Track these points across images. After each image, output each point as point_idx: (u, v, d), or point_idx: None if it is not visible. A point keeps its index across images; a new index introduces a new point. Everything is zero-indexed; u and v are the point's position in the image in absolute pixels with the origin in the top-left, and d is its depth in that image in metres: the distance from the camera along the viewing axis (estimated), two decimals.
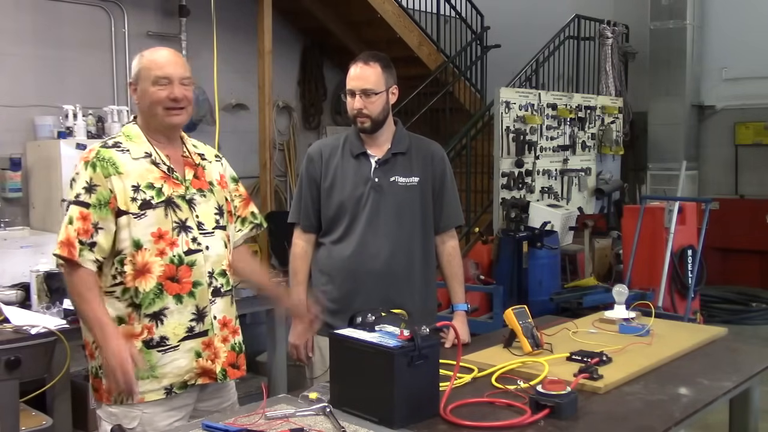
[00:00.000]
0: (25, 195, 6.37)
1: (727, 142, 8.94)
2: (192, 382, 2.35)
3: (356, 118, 2.74)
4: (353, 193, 2.75)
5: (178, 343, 2.31)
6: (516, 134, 7.26)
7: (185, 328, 2.32)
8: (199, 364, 2.35)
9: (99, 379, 2.31)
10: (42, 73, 6.64)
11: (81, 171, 2.29)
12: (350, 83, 2.73)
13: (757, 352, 2.92)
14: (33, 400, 3.17)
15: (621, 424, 2.04)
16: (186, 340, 2.32)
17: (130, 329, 2.28)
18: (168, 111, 2.34)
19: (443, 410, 2.02)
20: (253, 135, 7.45)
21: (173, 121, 2.37)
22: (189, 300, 2.33)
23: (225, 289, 2.42)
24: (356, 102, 2.72)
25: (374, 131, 2.77)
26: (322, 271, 2.84)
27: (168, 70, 2.34)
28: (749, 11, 8.71)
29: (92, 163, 2.28)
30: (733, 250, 8.21)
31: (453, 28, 9.45)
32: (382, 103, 2.73)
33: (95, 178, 2.26)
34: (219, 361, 2.39)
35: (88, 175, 2.27)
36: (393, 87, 2.77)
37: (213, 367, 2.37)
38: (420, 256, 2.81)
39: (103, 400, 2.32)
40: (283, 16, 8.27)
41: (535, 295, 6.02)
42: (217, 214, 2.45)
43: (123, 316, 2.29)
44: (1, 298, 3.49)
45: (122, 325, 2.28)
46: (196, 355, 2.34)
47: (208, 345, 2.36)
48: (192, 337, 2.33)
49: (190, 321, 2.33)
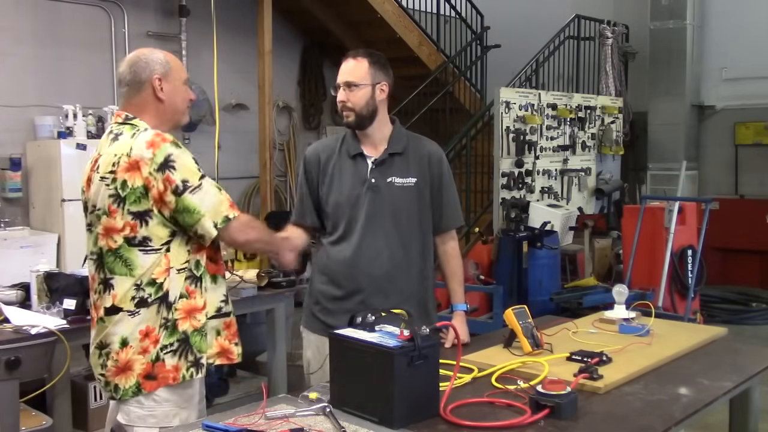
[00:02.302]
0: (25, 195, 6.38)
1: (727, 142, 8.94)
2: (212, 361, 2.40)
3: (342, 111, 2.76)
4: (350, 194, 2.75)
5: (207, 320, 2.37)
6: (516, 134, 7.26)
7: (215, 307, 2.40)
8: (218, 342, 2.41)
9: (160, 362, 2.30)
10: (42, 73, 6.65)
11: (177, 151, 2.29)
12: (338, 77, 2.76)
13: (757, 352, 2.92)
14: (33, 400, 3.18)
15: (621, 424, 2.04)
16: (212, 319, 2.39)
17: (193, 303, 2.34)
18: (188, 110, 2.49)
19: (443, 410, 2.02)
20: (253, 135, 7.46)
21: (187, 120, 2.53)
22: (222, 282, 2.44)
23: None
24: (340, 94, 2.73)
25: (360, 127, 2.76)
26: (321, 271, 2.84)
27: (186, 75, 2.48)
28: (749, 11, 8.71)
29: (179, 144, 2.34)
30: (733, 250, 8.21)
31: (453, 28, 9.46)
32: (365, 97, 2.72)
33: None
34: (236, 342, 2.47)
35: (188, 152, 2.33)
36: (382, 84, 2.75)
37: (230, 347, 2.43)
38: (418, 257, 2.80)
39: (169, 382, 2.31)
40: (283, 16, 8.28)
41: (535, 295, 6.03)
42: None
43: (184, 292, 2.32)
44: (1, 298, 3.49)
45: (183, 299, 2.32)
46: (216, 333, 2.40)
47: (229, 325, 2.44)
48: (218, 317, 2.40)
49: (221, 302, 2.41)
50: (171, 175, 2.24)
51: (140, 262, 2.27)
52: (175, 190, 2.24)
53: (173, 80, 2.40)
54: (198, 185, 2.27)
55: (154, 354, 2.29)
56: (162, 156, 2.25)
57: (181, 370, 2.31)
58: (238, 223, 2.35)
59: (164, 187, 2.24)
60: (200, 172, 2.31)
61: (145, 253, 2.27)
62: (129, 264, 2.28)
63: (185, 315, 2.31)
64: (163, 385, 2.30)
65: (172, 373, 2.30)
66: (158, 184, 2.24)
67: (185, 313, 2.31)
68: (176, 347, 2.30)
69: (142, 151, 2.25)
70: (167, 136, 2.31)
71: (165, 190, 2.24)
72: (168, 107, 2.41)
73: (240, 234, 2.39)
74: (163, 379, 2.30)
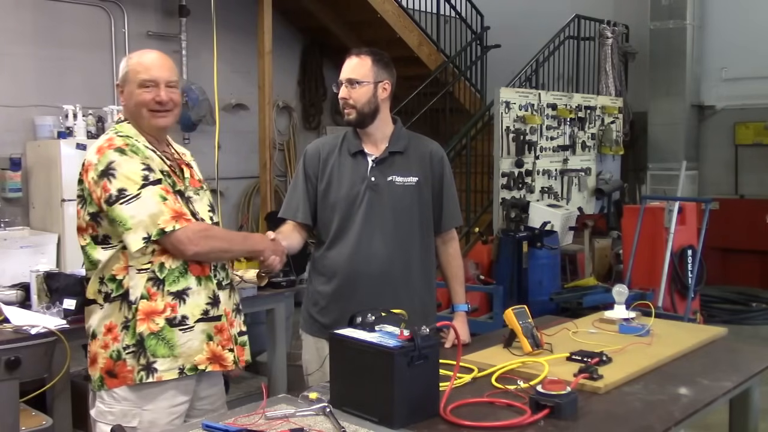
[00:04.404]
0: (25, 195, 6.38)
1: (727, 142, 8.94)
2: (203, 367, 2.36)
3: (343, 108, 2.76)
4: (349, 193, 2.74)
5: (194, 323, 2.35)
6: (516, 134, 7.26)
7: (201, 309, 2.36)
8: (210, 347, 2.37)
9: (121, 361, 2.30)
10: (42, 73, 6.65)
11: (121, 159, 2.26)
12: (341, 74, 2.76)
13: (757, 352, 2.92)
14: (33, 400, 3.17)
15: (621, 424, 2.04)
16: (200, 322, 2.36)
17: (153, 306, 2.30)
18: (153, 113, 2.37)
19: (443, 410, 2.01)
20: (253, 135, 7.46)
21: (159, 123, 2.40)
22: (207, 283, 2.38)
23: (225, 282, 2.48)
24: (342, 91, 2.74)
25: (361, 125, 2.76)
26: (319, 271, 2.82)
27: (154, 73, 2.36)
28: (749, 11, 8.71)
29: (131, 150, 2.29)
30: (733, 250, 8.21)
31: (453, 28, 9.46)
32: (367, 95, 2.72)
33: (142, 159, 2.30)
34: (231, 348, 2.42)
35: (136, 159, 2.28)
36: (385, 82, 2.75)
37: (224, 353, 2.40)
38: (418, 257, 2.80)
39: (128, 382, 2.30)
40: (283, 16, 8.29)
41: (535, 295, 6.03)
42: (210, 212, 2.51)
43: (145, 293, 2.30)
44: (1, 298, 3.49)
45: (143, 300, 2.30)
46: (207, 337, 2.37)
47: (221, 330, 2.40)
48: (207, 320, 2.37)
49: (207, 304, 2.38)
50: (108, 183, 2.25)
51: (100, 258, 2.32)
52: (108, 199, 2.25)
53: (128, 85, 2.38)
54: (135, 195, 2.24)
55: (116, 352, 2.31)
56: (104, 163, 2.27)
57: (134, 375, 2.30)
58: (183, 234, 2.26)
59: (100, 194, 2.27)
60: (142, 182, 2.26)
61: (105, 249, 2.32)
62: (92, 260, 2.35)
63: (144, 317, 2.29)
64: (123, 384, 2.32)
65: (131, 373, 2.31)
66: (97, 190, 2.28)
67: (144, 314, 2.29)
68: (134, 349, 2.30)
69: (91, 156, 2.32)
70: (117, 141, 2.30)
71: (100, 197, 2.27)
72: (131, 113, 2.41)
73: (188, 246, 2.28)
74: (123, 378, 2.31)
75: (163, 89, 2.36)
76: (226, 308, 2.45)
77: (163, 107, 2.37)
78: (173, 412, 2.35)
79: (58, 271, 3.63)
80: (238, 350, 2.47)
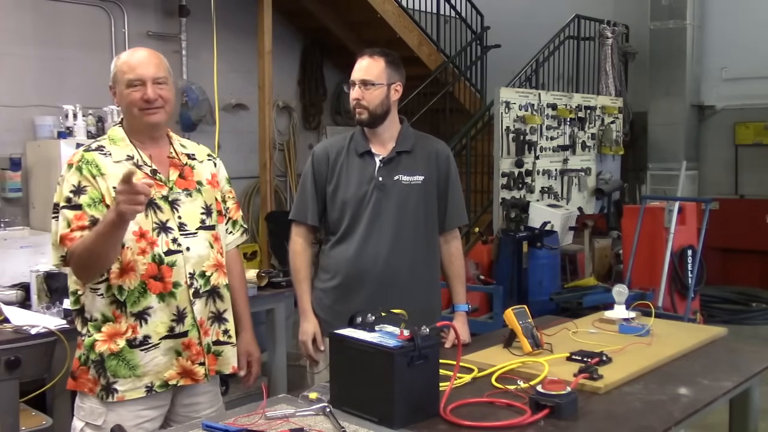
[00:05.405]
0: (25, 195, 6.36)
1: (727, 142, 8.94)
2: (174, 382, 2.35)
3: (355, 109, 2.76)
4: (357, 192, 2.75)
5: (159, 341, 2.32)
6: (516, 134, 7.26)
7: (166, 327, 2.33)
8: (179, 363, 2.35)
9: (85, 368, 2.32)
10: (42, 73, 6.64)
11: (67, 175, 2.31)
12: (353, 74, 2.76)
13: (757, 352, 2.92)
14: (33, 400, 3.17)
15: (621, 424, 2.04)
16: (166, 339, 2.33)
17: (117, 328, 2.29)
18: (144, 111, 2.35)
19: (443, 410, 2.02)
20: (253, 135, 7.45)
21: (151, 121, 2.37)
22: (170, 299, 2.33)
23: (203, 290, 2.40)
24: (355, 92, 2.73)
25: (372, 125, 2.76)
26: (325, 269, 2.84)
27: (140, 72, 2.33)
28: (749, 11, 8.71)
29: (78, 167, 2.30)
30: (733, 250, 8.21)
31: (453, 28, 9.46)
32: (380, 97, 2.72)
33: (83, 180, 2.28)
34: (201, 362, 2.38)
35: (75, 178, 2.29)
36: (397, 84, 2.77)
37: (194, 368, 2.37)
38: (423, 256, 2.80)
39: (84, 390, 2.32)
40: (283, 16, 8.28)
41: (535, 295, 6.03)
42: (203, 214, 2.44)
43: (108, 315, 2.29)
44: (1, 298, 3.49)
45: (108, 323, 2.29)
46: (176, 353, 2.35)
47: (188, 346, 2.36)
48: (172, 337, 2.34)
49: (171, 321, 2.33)
50: (55, 194, 2.31)
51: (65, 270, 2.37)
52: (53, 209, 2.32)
53: (118, 86, 2.37)
54: (57, 214, 2.28)
55: (83, 356, 2.33)
56: (62, 175, 2.33)
57: (96, 388, 2.30)
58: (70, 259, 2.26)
59: None
60: (63, 203, 2.26)
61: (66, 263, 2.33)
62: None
63: (107, 338, 2.29)
64: (79, 389, 2.34)
65: (90, 384, 2.31)
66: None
67: (107, 336, 2.29)
68: (96, 365, 2.30)
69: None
70: (76, 156, 2.33)
71: None
72: (123, 113, 2.41)
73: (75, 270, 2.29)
74: (81, 384, 2.33)
75: (150, 87, 2.32)
76: (201, 317, 2.39)
77: (152, 105, 2.34)
78: (141, 417, 2.33)
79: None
80: (210, 360, 2.41)
